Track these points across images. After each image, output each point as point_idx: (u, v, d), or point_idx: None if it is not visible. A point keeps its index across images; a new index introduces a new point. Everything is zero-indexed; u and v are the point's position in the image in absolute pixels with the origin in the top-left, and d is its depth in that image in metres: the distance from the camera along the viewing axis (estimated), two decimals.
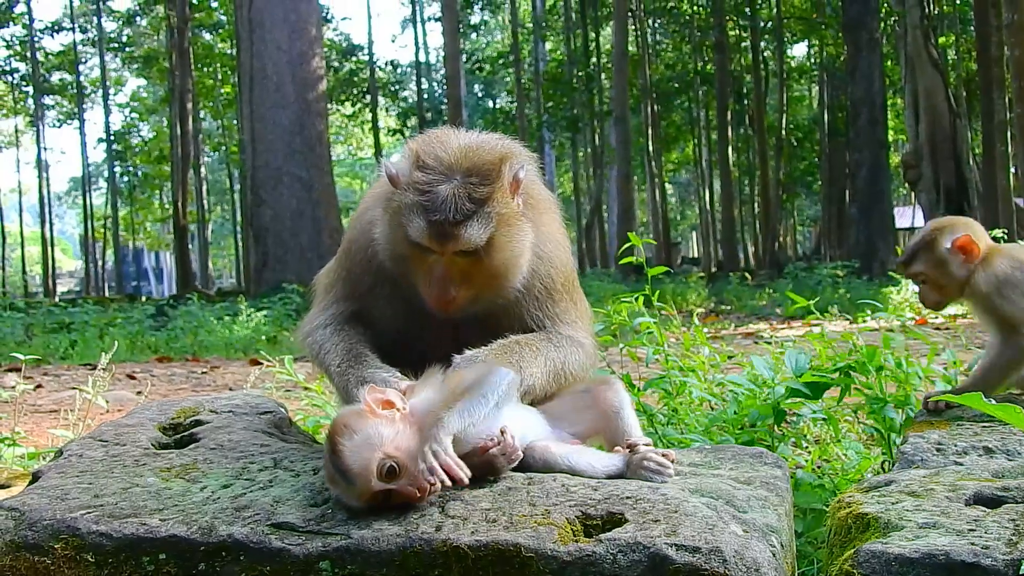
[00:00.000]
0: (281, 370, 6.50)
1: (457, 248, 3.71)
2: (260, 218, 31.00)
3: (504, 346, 3.77)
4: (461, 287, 3.81)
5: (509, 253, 3.83)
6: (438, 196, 3.67)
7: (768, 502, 3.22)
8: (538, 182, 4.26)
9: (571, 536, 2.92)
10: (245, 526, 3.01)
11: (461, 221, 3.65)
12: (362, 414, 3.19)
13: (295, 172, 30.48)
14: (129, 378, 12.43)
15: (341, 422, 3.19)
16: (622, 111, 44.05)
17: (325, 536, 2.95)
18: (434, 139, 3.92)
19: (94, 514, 3.11)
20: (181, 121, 49.72)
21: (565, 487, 3.25)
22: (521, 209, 3.90)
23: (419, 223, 3.69)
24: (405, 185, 3.79)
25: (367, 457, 3.06)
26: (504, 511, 3.06)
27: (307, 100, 31.02)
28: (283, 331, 20.89)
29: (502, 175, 3.78)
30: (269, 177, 30.64)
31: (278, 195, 30.50)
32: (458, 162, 3.76)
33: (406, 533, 2.93)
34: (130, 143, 66.10)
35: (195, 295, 28.20)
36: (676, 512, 3.01)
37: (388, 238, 3.91)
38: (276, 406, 4.55)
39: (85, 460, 3.72)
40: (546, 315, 4.10)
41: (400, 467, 3.05)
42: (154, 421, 4.26)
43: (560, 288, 4.17)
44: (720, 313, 23.68)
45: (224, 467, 3.59)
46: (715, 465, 3.69)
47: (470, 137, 3.95)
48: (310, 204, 30.52)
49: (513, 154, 3.92)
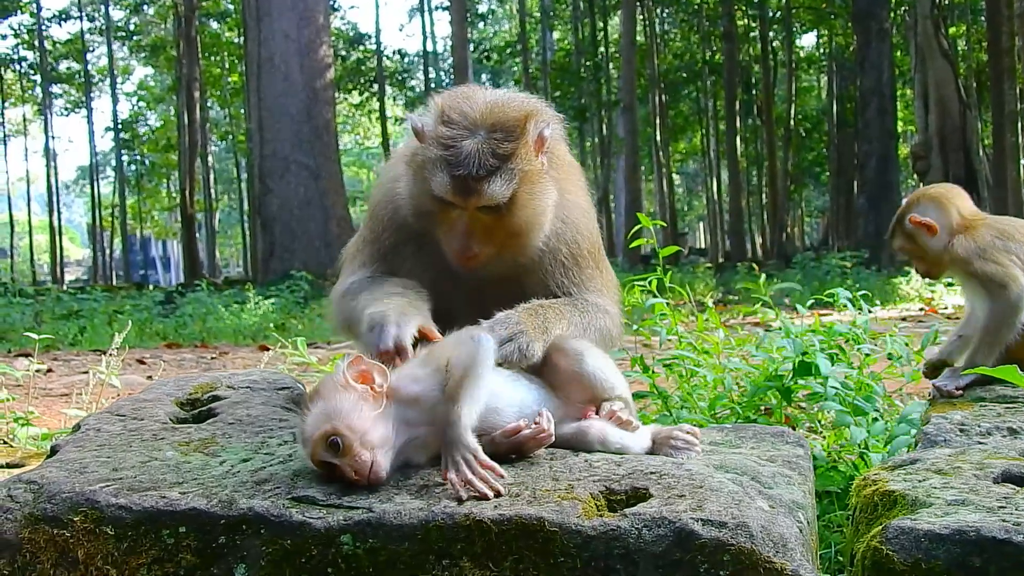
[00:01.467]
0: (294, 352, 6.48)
1: (480, 203, 3.71)
2: (268, 207, 31.05)
3: (528, 309, 3.72)
4: (483, 243, 3.82)
5: (532, 210, 3.83)
6: (462, 151, 3.67)
7: (792, 480, 3.20)
8: (563, 145, 4.25)
9: (595, 511, 2.89)
10: (266, 499, 2.98)
11: (484, 176, 3.65)
12: (335, 383, 3.16)
13: (303, 161, 30.52)
14: (139, 363, 12.44)
15: (316, 386, 3.21)
16: (630, 101, 43.99)
17: (347, 510, 2.92)
18: (460, 95, 3.91)
19: (113, 487, 3.08)
20: (188, 110, 49.76)
21: (588, 462, 3.22)
22: (545, 168, 3.90)
23: (442, 178, 3.69)
24: (430, 140, 3.79)
25: (318, 425, 3.06)
26: (527, 485, 3.03)
27: (314, 89, 31.05)
28: (291, 318, 20.90)
29: (527, 132, 3.77)
30: (277, 166, 30.69)
31: (286, 184, 30.54)
32: (483, 118, 3.75)
33: (428, 507, 2.90)
34: (137, 132, 66.10)
35: (203, 282, 28.18)
36: (701, 487, 2.98)
37: (412, 193, 3.91)
38: (294, 382, 4.53)
39: (103, 434, 3.69)
40: (572, 281, 4.09)
41: (344, 445, 3.01)
42: (172, 396, 4.23)
43: (586, 254, 4.16)
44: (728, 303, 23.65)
45: (243, 441, 3.57)
46: (736, 443, 3.66)
47: (496, 94, 3.94)
48: (318, 193, 30.55)
49: (539, 112, 3.91)
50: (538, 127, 3.82)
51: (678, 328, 5.87)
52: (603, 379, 3.60)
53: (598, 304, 4.09)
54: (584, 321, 3.94)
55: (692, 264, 39.39)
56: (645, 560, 2.75)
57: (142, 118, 68.68)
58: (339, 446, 3.01)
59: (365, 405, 3.10)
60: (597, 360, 3.65)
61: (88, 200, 73.80)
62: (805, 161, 61.15)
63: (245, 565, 2.89)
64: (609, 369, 3.66)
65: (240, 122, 57.25)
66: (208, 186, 58.39)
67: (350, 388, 3.14)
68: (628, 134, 44.56)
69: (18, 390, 8.01)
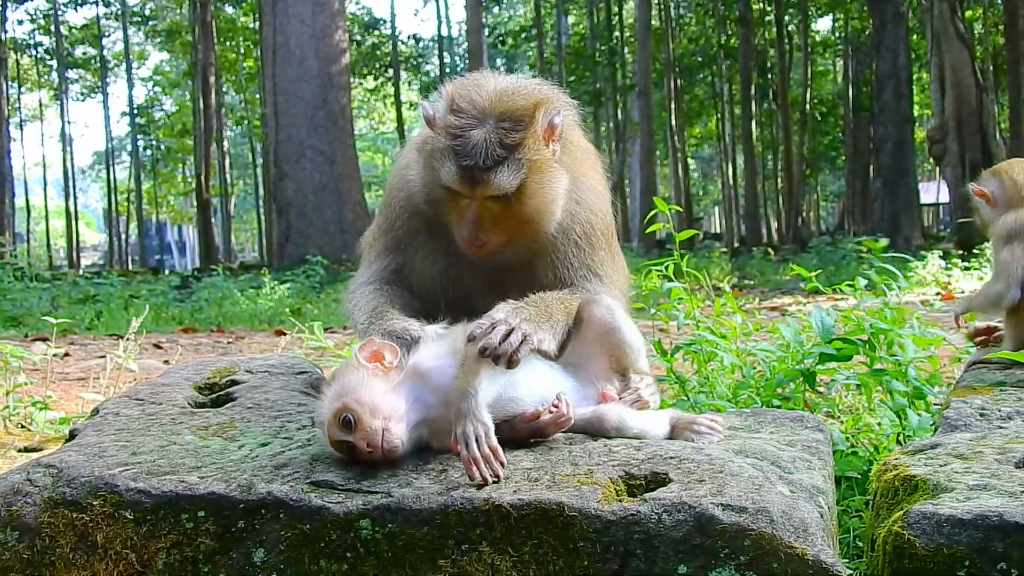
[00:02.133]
0: (311, 336, 6.47)
1: (487, 193, 3.71)
2: (283, 192, 31.09)
3: (534, 301, 3.67)
4: (492, 231, 3.82)
5: (541, 199, 3.83)
6: (469, 141, 3.67)
7: (812, 464, 3.18)
8: (577, 130, 4.23)
9: (615, 495, 2.89)
10: (284, 484, 2.99)
11: (491, 167, 3.66)
12: (349, 365, 3.20)
13: (318, 146, 30.53)
14: (156, 347, 12.45)
15: (333, 371, 3.22)
16: (645, 85, 43.92)
17: (365, 494, 2.93)
18: (470, 82, 3.91)
19: (132, 471, 3.09)
20: (204, 95, 49.73)
21: (607, 447, 3.22)
22: (556, 156, 3.88)
23: (450, 167, 3.70)
24: (439, 128, 3.79)
25: (331, 406, 3.09)
26: (546, 470, 3.02)
27: (330, 74, 31.04)
28: (307, 303, 20.90)
29: (535, 121, 3.77)
30: (292, 151, 30.70)
31: (301, 169, 30.55)
32: (492, 106, 3.75)
33: (447, 491, 2.90)
34: (153, 117, 66.16)
35: (219, 267, 28.20)
36: (721, 472, 2.97)
37: (423, 181, 3.93)
38: (312, 366, 4.54)
39: (122, 418, 3.70)
40: (583, 263, 4.08)
41: (355, 420, 3.03)
42: (190, 381, 4.24)
43: (599, 235, 4.15)
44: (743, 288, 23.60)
45: (262, 426, 3.58)
46: (755, 428, 3.65)
47: (507, 81, 3.94)
48: (333, 178, 30.56)
49: (549, 100, 3.90)
50: (548, 115, 3.81)
51: (695, 312, 5.85)
52: (632, 340, 3.64)
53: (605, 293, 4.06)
54: None
55: (707, 249, 39.32)
56: (665, 545, 2.74)
57: (158, 103, 68.71)
58: (351, 422, 3.03)
59: (375, 380, 3.13)
60: (628, 321, 3.70)
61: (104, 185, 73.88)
62: (821, 145, 61.00)
63: (264, 549, 2.89)
64: (638, 335, 3.70)
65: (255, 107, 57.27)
66: (223, 171, 58.41)
67: (361, 367, 3.16)
68: (643, 118, 44.49)
69: (35, 374, 8.02)
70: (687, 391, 5.32)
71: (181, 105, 65.67)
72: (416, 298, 4.11)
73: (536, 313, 3.51)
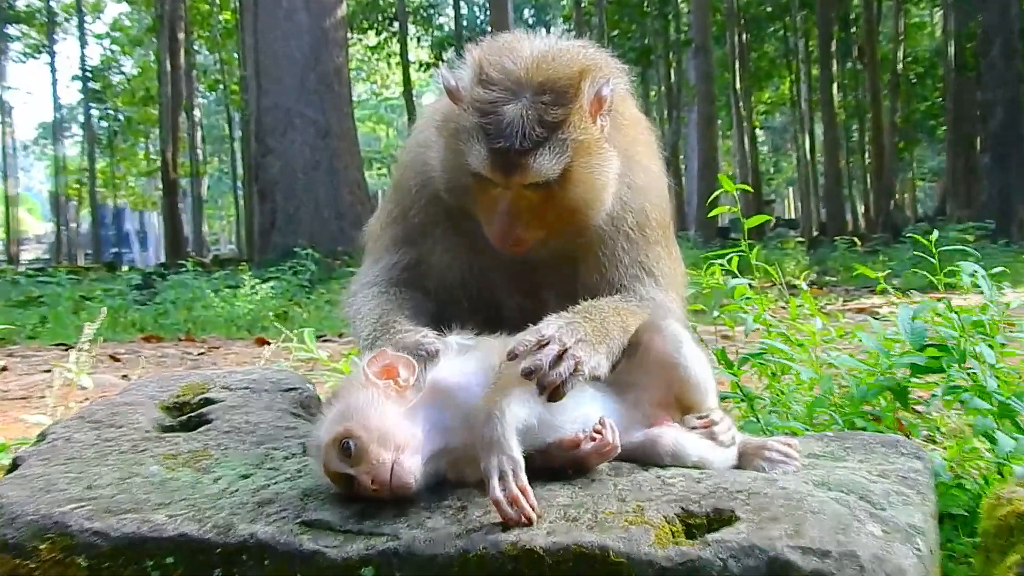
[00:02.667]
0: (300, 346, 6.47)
1: (525, 181, 3.66)
2: (267, 170, 31.10)
3: (588, 313, 3.63)
4: (530, 225, 3.77)
5: (588, 186, 3.78)
6: (503, 119, 3.61)
7: (909, 499, 3.17)
8: (629, 101, 4.19)
9: (670, 537, 2.88)
10: (270, 524, 2.99)
11: (530, 149, 3.59)
12: (355, 382, 3.18)
13: (309, 115, 30.54)
14: (112, 359, 12.50)
15: (335, 388, 3.20)
16: (703, 40, 43.87)
17: (368, 536, 2.93)
18: (502, 46, 3.85)
19: (86, 509, 3.09)
20: (171, 54, 49.88)
21: (661, 478, 3.21)
22: (605, 132, 3.83)
23: (480, 151, 3.65)
24: (466, 103, 3.74)
25: (332, 430, 3.07)
26: (587, 507, 3.02)
27: (323, 28, 31.04)
28: (295, 305, 20.96)
29: (581, 93, 3.71)
30: (278, 121, 30.72)
31: (288, 142, 30.58)
32: (529, 76, 3.69)
33: (467, 533, 2.90)
34: (110, 81, 66.40)
35: (189, 262, 28.30)
36: (799, 509, 2.96)
37: (445, 166, 3.88)
38: (302, 382, 4.54)
39: (74, 445, 3.71)
40: (635, 260, 4.05)
41: (359, 449, 3.00)
42: (155, 399, 4.25)
43: (655, 226, 4.12)
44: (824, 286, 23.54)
45: (242, 453, 3.58)
46: (839, 456, 3.64)
47: (545, 44, 3.89)
48: (327, 153, 30.57)
49: (596, 66, 3.85)
50: (595, 85, 3.75)
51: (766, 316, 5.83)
52: (700, 379, 3.59)
53: (660, 302, 4.04)
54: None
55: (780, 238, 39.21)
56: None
57: (115, 65, 68.96)
58: (353, 451, 3.01)
59: (386, 402, 3.11)
60: (697, 354, 3.63)
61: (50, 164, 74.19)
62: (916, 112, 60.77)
63: None
64: (707, 370, 3.65)
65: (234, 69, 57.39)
66: (194, 146, 58.59)
67: (370, 384, 3.14)
68: (701, 81, 44.45)
69: None
70: (756, 411, 5.30)
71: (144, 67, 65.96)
72: (432, 300, 4.09)
73: (592, 331, 3.48)
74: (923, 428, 5.62)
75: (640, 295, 3.99)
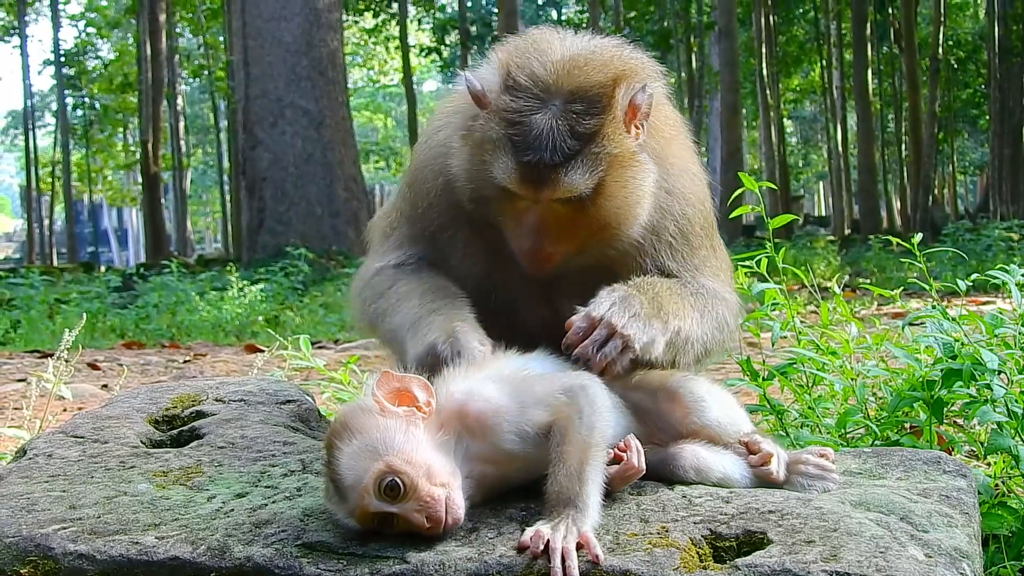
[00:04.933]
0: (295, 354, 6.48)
1: (555, 196, 3.66)
2: (255, 164, 31.08)
3: (639, 285, 3.70)
4: (559, 240, 3.77)
5: (622, 201, 3.78)
6: (532, 129, 3.61)
7: (953, 520, 3.18)
8: (665, 103, 4.19)
9: (697, 561, 2.90)
10: (268, 547, 3.02)
11: (561, 163, 3.60)
12: (367, 411, 3.14)
13: (301, 104, 30.53)
14: (91, 368, 12.49)
15: (340, 420, 3.16)
16: (728, 23, 43.81)
17: (373, 560, 2.95)
18: (530, 47, 3.86)
19: (71, 530, 3.11)
20: (152, 37, 49.85)
21: (687, 498, 3.23)
22: (641, 141, 3.83)
23: (507, 163, 3.65)
24: (492, 110, 3.73)
25: (364, 468, 3.02)
26: (608, 529, 3.04)
27: (316, 10, 31.03)
28: (287, 309, 20.95)
29: (615, 102, 3.71)
30: (267, 110, 30.70)
31: (279, 133, 30.57)
32: (559, 83, 3.69)
33: (480, 556, 2.92)
34: (86, 67, 66.32)
35: (172, 262, 28.29)
36: (835, 531, 2.98)
37: (469, 175, 3.88)
38: (300, 393, 4.56)
39: (56, 462, 3.73)
40: (682, 266, 4.07)
41: (406, 486, 2.98)
42: (143, 412, 4.26)
43: (699, 231, 4.15)
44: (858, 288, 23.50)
45: (237, 471, 3.60)
46: (878, 473, 3.65)
47: (576, 45, 3.89)
48: (320, 145, 30.56)
49: (631, 71, 3.85)
50: (630, 92, 3.75)
51: (795, 322, 5.83)
52: (728, 426, 3.58)
53: (715, 291, 4.08)
54: (701, 305, 3.94)
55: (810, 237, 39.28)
56: None
57: (92, 49, 68.91)
58: (400, 489, 2.98)
59: (417, 431, 3.08)
60: (721, 403, 3.62)
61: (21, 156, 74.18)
62: (958, 101, 60.72)
63: None
64: (733, 409, 3.65)
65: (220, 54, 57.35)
66: (177, 137, 58.61)
67: (390, 413, 3.12)
68: (725, 66, 44.37)
69: None
70: (786, 424, 5.31)
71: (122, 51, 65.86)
72: None
73: (647, 302, 3.58)
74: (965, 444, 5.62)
75: (691, 284, 4.04)
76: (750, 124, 65.68)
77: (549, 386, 3.25)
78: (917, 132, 50.68)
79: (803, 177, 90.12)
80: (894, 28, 55.29)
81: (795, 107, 77.64)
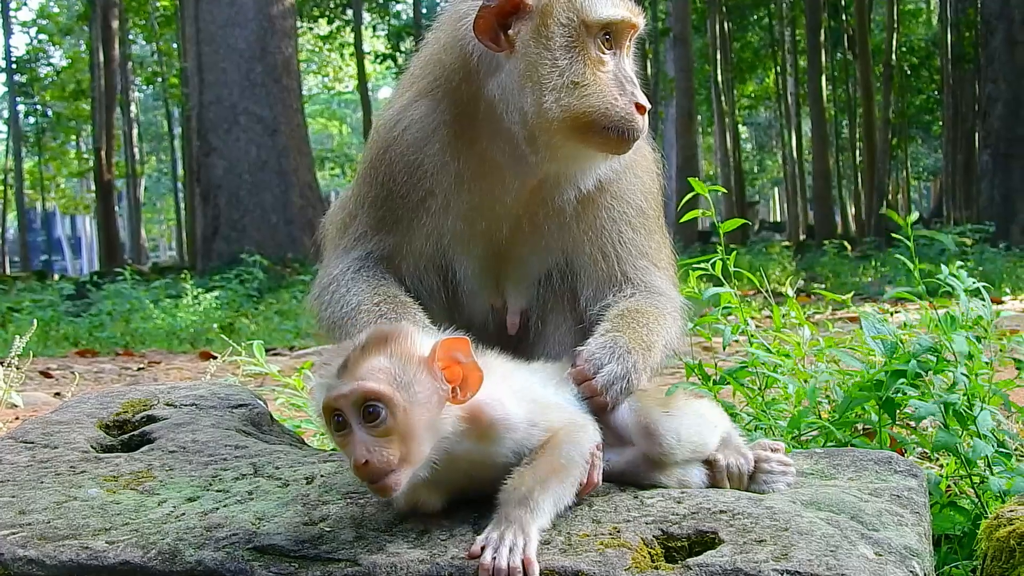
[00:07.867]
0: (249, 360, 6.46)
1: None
2: (209, 171, 30.99)
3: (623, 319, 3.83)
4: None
5: None
6: None
7: (904, 519, 3.20)
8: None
9: (648, 561, 2.91)
10: (219, 550, 3.01)
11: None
12: (417, 355, 3.06)
13: (255, 111, 30.45)
14: (44, 376, 12.43)
15: (383, 332, 3.09)
16: (682, 29, 43.91)
17: (324, 562, 2.95)
18: None
19: (20, 535, 3.10)
20: (104, 44, 49.68)
21: (639, 499, 3.24)
22: None
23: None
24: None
25: (371, 377, 2.95)
26: (560, 529, 3.05)
27: (270, 16, 30.95)
28: (242, 317, 20.90)
29: None
30: (221, 117, 30.62)
31: (233, 140, 30.48)
32: None
33: (432, 558, 2.92)
34: (38, 73, 66.03)
35: (126, 270, 28.17)
36: (786, 530, 3.00)
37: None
38: (252, 398, 4.55)
39: (5, 467, 3.71)
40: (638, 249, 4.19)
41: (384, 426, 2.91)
42: (93, 417, 4.25)
43: (651, 213, 4.30)
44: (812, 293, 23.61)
45: (188, 475, 3.59)
46: (829, 473, 3.67)
47: None
48: (275, 152, 30.49)
49: None
50: None
51: (748, 325, 5.84)
52: (696, 455, 3.54)
53: (671, 298, 4.24)
54: (669, 323, 4.10)
55: (765, 242, 39.38)
56: None
57: (44, 55, 68.61)
58: (377, 422, 2.91)
59: (433, 404, 3.02)
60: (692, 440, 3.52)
61: None
62: (911, 107, 60.94)
63: None
64: (703, 435, 3.56)
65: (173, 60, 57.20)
66: (131, 144, 58.35)
67: (432, 374, 3.05)
68: (680, 73, 44.47)
69: None
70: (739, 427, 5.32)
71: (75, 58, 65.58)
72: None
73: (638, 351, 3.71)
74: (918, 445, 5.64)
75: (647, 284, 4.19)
76: (705, 130, 65.81)
77: (560, 416, 3.28)
78: (871, 138, 50.92)
79: (758, 183, 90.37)
80: (848, 35, 55.54)
81: (750, 113, 77.87)
